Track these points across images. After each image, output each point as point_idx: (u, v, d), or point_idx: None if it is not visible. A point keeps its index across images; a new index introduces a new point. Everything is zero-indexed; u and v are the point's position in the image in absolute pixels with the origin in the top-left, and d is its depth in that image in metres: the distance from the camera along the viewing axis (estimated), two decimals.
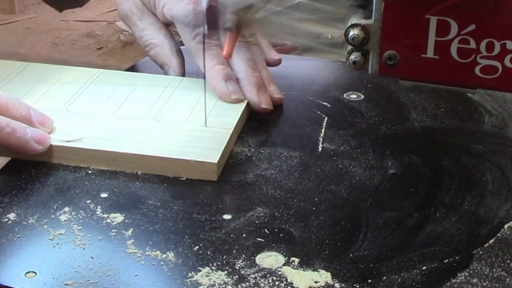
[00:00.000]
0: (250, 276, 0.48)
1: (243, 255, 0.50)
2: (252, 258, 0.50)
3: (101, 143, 0.61)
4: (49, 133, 0.62)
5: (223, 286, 0.48)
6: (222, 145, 0.61)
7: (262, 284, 0.48)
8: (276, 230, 0.53)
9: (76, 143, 0.61)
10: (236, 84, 0.69)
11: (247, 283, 0.48)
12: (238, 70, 0.70)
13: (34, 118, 0.62)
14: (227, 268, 0.49)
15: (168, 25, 0.77)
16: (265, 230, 0.53)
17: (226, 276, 0.48)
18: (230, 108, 0.67)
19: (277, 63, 0.77)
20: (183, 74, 0.75)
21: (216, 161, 0.59)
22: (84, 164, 0.61)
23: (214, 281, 0.48)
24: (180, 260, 0.50)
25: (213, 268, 0.49)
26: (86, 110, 0.67)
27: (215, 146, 0.61)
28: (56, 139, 0.62)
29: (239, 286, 0.48)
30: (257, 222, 0.54)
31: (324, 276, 0.48)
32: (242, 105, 0.68)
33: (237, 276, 0.48)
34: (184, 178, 0.59)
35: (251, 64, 0.71)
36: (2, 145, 0.59)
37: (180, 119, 0.65)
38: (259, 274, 0.49)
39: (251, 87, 0.69)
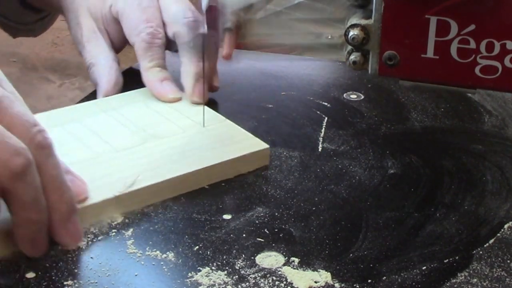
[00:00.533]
0: (250, 276, 0.48)
1: (243, 255, 0.50)
2: (252, 258, 0.50)
3: (162, 173, 0.57)
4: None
5: (223, 286, 0.48)
6: (246, 133, 0.63)
7: (262, 284, 0.48)
8: (276, 230, 0.53)
9: (142, 183, 0.55)
10: (172, 83, 0.69)
11: (247, 283, 0.48)
12: (182, 58, 0.70)
13: (70, 224, 0.51)
14: (227, 268, 0.49)
15: (119, 48, 0.75)
16: (265, 230, 0.53)
17: (226, 276, 0.48)
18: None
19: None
20: (110, 93, 0.71)
21: (268, 146, 0.61)
22: (150, 201, 0.55)
23: (214, 281, 0.48)
24: (180, 260, 0.50)
25: (213, 268, 0.49)
26: (88, 155, 0.59)
27: (244, 136, 0.62)
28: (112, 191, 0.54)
29: (239, 286, 0.48)
30: (257, 222, 0.54)
31: (324, 276, 0.48)
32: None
33: (237, 276, 0.48)
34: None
35: (196, 53, 0.70)
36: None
37: (176, 129, 0.63)
38: (259, 274, 0.49)
39: (189, 78, 0.69)
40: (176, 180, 0.56)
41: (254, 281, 0.48)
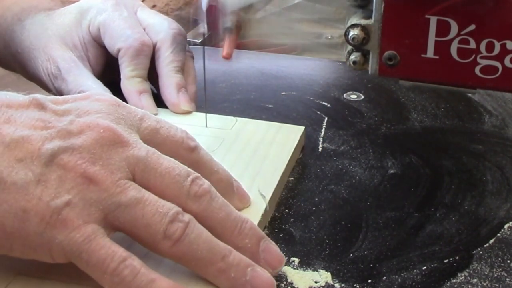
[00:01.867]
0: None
1: None
2: None
3: (271, 181, 0.56)
4: None
5: None
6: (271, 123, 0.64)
7: None
8: (276, 230, 0.53)
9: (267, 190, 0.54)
10: (150, 97, 0.67)
11: None
12: (160, 69, 0.68)
13: (262, 253, 0.47)
14: None
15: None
16: (265, 230, 0.53)
17: None
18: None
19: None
20: None
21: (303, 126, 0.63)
22: None
23: None
24: None
25: None
26: None
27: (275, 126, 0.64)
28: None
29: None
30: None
31: (324, 276, 0.48)
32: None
33: None
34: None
35: (175, 65, 0.68)
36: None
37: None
38: None
39: (171, 89, 0.67)
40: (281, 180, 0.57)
41: None
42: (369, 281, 0.48)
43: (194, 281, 0.45)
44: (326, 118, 0.70)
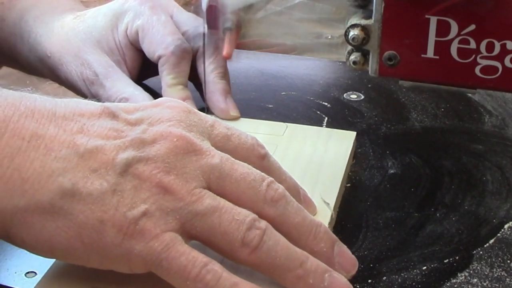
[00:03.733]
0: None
1: None
2: None
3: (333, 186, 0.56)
4: None
5: None
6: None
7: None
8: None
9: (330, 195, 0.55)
10: (193, 103, 0.66)
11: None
12: (204, 76, 0.67)
13: (337, 257, 0.47)
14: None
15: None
16: None
17: None
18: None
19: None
20: None
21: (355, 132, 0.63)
22: None
23: None
24: None
25: None
26: None
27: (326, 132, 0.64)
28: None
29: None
30: None
31: None
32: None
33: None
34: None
35: (219, 69, 0.68)
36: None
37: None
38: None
39: (217, 95, 0.66)
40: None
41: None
42: (369, 281, 0.48)
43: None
44: (326, 118, 0.70)
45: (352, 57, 0.55)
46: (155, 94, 0.69)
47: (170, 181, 0.43)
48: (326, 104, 0.73)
